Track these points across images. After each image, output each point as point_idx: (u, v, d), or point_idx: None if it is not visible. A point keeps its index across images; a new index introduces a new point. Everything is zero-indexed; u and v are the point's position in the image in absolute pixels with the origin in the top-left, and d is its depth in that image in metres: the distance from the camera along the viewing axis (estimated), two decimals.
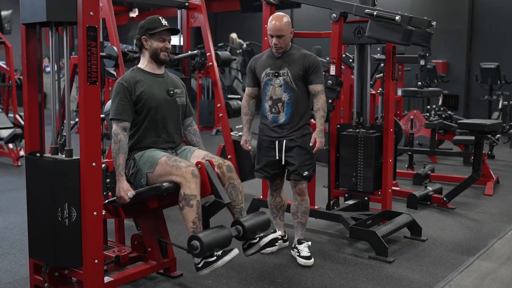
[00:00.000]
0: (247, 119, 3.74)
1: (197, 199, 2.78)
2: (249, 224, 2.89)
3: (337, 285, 3.18)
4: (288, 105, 3.52)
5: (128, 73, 3.06)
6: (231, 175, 2.99)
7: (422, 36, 3.90)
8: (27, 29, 2.73)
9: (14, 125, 7.21)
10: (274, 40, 3.49)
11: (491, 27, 11.37)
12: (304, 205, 3.63)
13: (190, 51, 4.97)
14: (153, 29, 3.04)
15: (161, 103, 3.04)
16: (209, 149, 3.36)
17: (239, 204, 3.01)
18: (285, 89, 3.51)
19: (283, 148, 3.53)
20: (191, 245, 2.71)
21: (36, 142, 2.81)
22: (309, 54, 3.56)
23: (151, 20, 3.08)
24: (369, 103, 4.27)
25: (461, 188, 4.97)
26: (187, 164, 2.81)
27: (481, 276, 3.34)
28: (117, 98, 2.93)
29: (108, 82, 6.65)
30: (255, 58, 3.72)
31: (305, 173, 3.52)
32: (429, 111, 7.54)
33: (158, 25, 3.05)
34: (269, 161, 3.61)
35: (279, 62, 3.54)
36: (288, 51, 3.56)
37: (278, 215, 3.79)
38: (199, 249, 2.68)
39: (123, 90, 2.94)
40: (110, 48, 4.30)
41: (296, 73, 3.50)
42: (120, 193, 2.84)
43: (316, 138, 3.46)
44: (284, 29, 3.47)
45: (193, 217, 2.79)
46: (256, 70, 3.65)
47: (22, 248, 3.73)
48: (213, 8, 16.46)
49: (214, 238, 2.74)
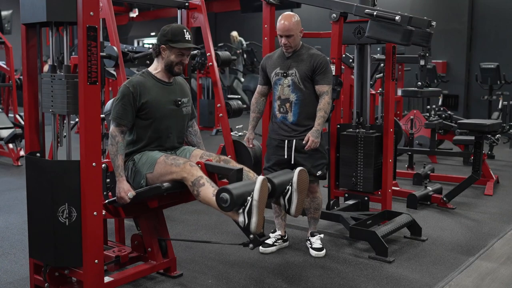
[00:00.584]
0: (253, 116, 3.76)
1: (205, 178, 2.74)
2: (278, 181, 2.79)
3: (337, 285, 3.18)
4: (295, 105, 3.53)
5: (137, 77, 2.99)
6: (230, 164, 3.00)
7: (422, 36, 3.90)
8: (27, 29, 2.73)
9: (14, 125, 7.20)
10: (283, 40, 3.50)
11: (491, 27, 11.37)
12: (316, 201, 3.69)
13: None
14: (175, 42, 2.95)
15: (166, 115, 3.01)
16: (209, 149, 3.36)
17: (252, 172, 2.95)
18: (293, 89, 3.53)
19: (293, 148, 3.55)
20: (221, 197, 2.56)
21: (36, 142, 2.81)
22: (317, 54, 3.55)
23: (175, 30, 2.96)
24: (369, 103, 4.27)
25: (461, 188, 4.97)
26: (185, 161, 2.82)
27: (481, 276, 3.34)
28: (121, 101, 2.90)
29: (108, 82, 6.65)
30: (267, 56, 3.74)
31: (319, 172, 3.57)
32: (429, 111, 7.54)
33: (181, 38, 2.95)
34: (278, 160, 3.62)
35: (288, 62, 3.56)
36: (298, 51, 3.57)
37: (281, 215, 3.79)
38: (229, 203, 2.54)
39: (128, 94, 2.90)
40: (110, 48, 4.30)
41: (303, 74, 3.50)
42: (120, 194, 2.84)
43: (310, 136, 3.46)
44: (293, 28, 3.47)
45: (212, 190, 2.68)
46: (267, 68, 3.67)
47: (22, 248, 3.73)
48: (213, 8, 16.48)
49: (245, 192, 2.60)
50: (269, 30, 4.26)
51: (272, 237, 3.74)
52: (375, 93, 6.04)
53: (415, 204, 4.85)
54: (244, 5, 14.59)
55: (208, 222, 4.33)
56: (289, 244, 3.85)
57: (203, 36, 5.03)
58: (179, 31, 2.97)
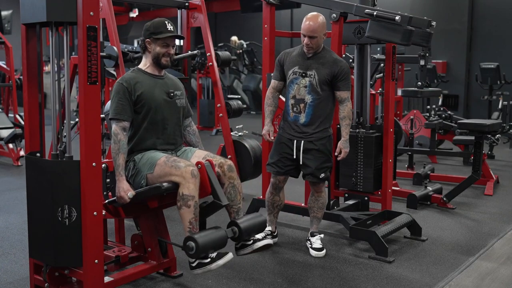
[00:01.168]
0: (270, 110, 3.70)
1: (195, 200, 2.79)
2: (245, 225, 2.91)
3: (337, 285, 3.18)
4: (310, 107, 3.51)
5: (129, 73, 3.05)
6: (232, 175, 2.99)
7: (422, 36, 3.91)
8: (27, 29, 2.73)
9: (14, 125, 7.20)
10: (306, 40, 3.45)
11: (491, 27, 11.37)
12: (321, 201, 3.70)
13: (190, 51, 4.98)
14: (158, 34, 3.01)
15: (161, 105, 3.04)
16: (209, 149, 3.36)
17: (237, 205, 3.01)
18: (309, 91, 3.50)
19: (301, 148, 3.54)
20: (187, 245, 2.74)
21: (36, 142, 2.81)
22: (339, 60, 3.53)
23: (157, 23, 3.04)
24: (369, 103, 4.27)
25: (461, 188, 4.97)
26: (186, 164, 2.81)
27: (481, 276, 3.34)
28: (117, 98, 2.93)
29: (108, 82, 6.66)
30: (286, 52, 3.68)
31: (322, 175, 3.56)
32: (429, 111, 7.54)
33: (163, 30, 3.02)
34: (283, 157, 3.61)
35: (309, 62, 3.52)
36: (320, 52, 3.53)
37: (273, 212, 3.82)
38: (194, 250, 2.71)
39: (123, 90, 2.93)
40: (110, 48, 4.30)
41: (323, 77, 3.48)
42: (120, 193, 2.84)
43: (341, 147, 3.52)
44: (318, 30, 3.43)
45: (190, 217, 2.81)
46: (284, 65, 3.62)
47: (22, 248, 3.73)
48: (213, 8, 16.47)
49: (210, 239, 2.77)
50: (269, 30, 4.26)
51: (262, 233, 3.75)
52: (375, 93, 6.04)
53: (415, 204, 4.85)
54: (244, 5, 14.58)
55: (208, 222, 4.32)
56: (289, 244, 3.85)
57: (203, 36, 5.03)
58: (161, 23, 3.04)
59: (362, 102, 4.26)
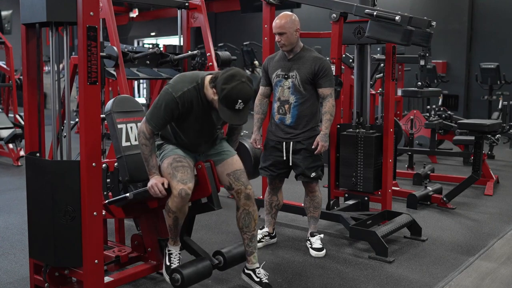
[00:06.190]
0: (258, 117, 3.75)
1: (175, 215, 2.79)
2: (230, 255, 3.01)
3: (337, 285, 3.18)
4: (294, 108, 3.54)
5: (191, 90, 2.77)
6: (247, 203, 2.93)
7: (422, 36, 3.91)
8: (27, 29, 2.73)
9: (14, 125, 7.21)
10: (277, 37, 3.52)
11: (491, 27, 11.37)
12: (316, 200, 3.70)
13: (190, 51, 4.98)
14: (223, 103, 2.66)
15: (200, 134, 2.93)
16: None
17: (251, 231, 2.98)
18: (292, 92, 3.54)
19: (290, 150, 3.57)
20: (173, 278, 2.84)
21: (36, 142, 2.81)
22: (319, 57, 3.55)
23: (230, 95, 2.62)
24: (369, 103, 4.27)
25: (461, 188, 4.97)
26: (180, 179, 2.73)
27: (481, 276, 3.34)
28: (165, 111, 2.74)
29: (108, 82, 6.66)
30: (269, 58, 3.75)
31: (312, 174, 3.57)
32: (429, 111, 7.54)
33: (230, 107, 2.65)
34: (276, 161, 3.64)
35: (290, 64, 3.56)
36: (299, 53, 3.56)
37: (271, 212, 3.83)
38: (180, 282, 2.80)
39: (174, 108, 2.74)
40: (110, 48, 4.30)
41: (304, 77, 3.50)
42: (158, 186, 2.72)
43: (319, 141, 3.49)
44: (286, 26, 3.48)
45: (170, 223, 2.87)
46: (268, 70, 3.68)
47: (22, 248, 3.73)
48: (213, 8, 16.47)
49: (195, 271, 2.85)
50: (269, 30, 4.26)
51: (260, 234, 3.76)
52: (375, 93, 6.04)
53: (415, 204, 4.85)
54: (244, 5, 14.58)
55: (208, 222, 4.33)
56: (288, 244, 3.85)
57: (203, 36, 5.03)
58: (234, 98, 2.63)
59: (362, 102, 4.25)
